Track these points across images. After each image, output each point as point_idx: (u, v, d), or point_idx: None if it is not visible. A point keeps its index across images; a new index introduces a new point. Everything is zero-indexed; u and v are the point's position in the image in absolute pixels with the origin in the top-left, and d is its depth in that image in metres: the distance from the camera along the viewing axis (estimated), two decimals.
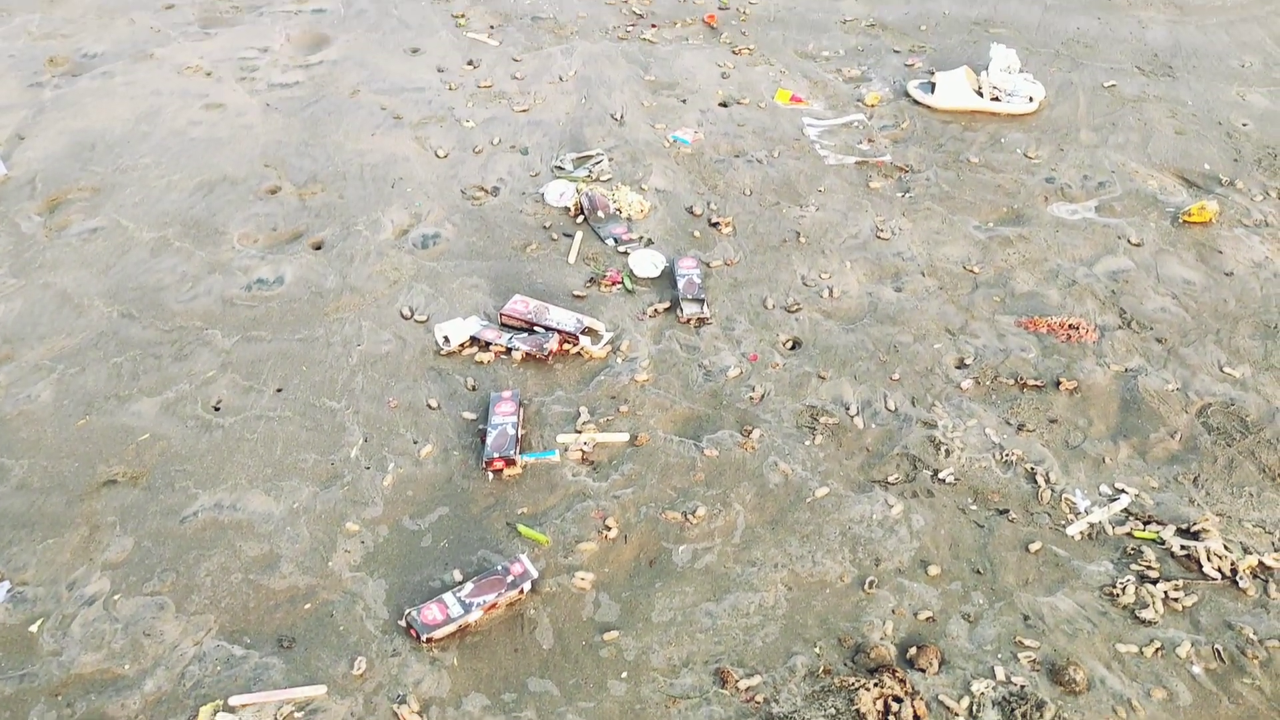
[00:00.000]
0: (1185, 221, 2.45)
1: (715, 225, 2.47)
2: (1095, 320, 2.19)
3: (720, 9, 3.36)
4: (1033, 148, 2.73)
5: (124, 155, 2.67)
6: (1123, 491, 1.81)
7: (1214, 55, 3.14)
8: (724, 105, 2.91)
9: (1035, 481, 1.84)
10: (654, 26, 3.26)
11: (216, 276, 2.32)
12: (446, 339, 2.12)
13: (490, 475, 1.84)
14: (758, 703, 1.50)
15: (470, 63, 3.08)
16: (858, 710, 1.48)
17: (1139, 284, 2.30)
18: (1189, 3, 3.44)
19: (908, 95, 2.92)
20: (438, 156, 2.70)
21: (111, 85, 2.92)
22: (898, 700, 1.49)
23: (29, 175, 2.57)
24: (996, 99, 2.85)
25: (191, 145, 2.72)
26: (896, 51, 3.15)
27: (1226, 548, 1.70)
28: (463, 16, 3.30)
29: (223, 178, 2.61)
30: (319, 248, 2.41)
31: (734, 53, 3.14)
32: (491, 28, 3.25)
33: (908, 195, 2.57)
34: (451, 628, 1.58)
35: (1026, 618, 1.61)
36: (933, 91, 2.88)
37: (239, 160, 2.68)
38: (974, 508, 1.79)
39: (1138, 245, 2.40)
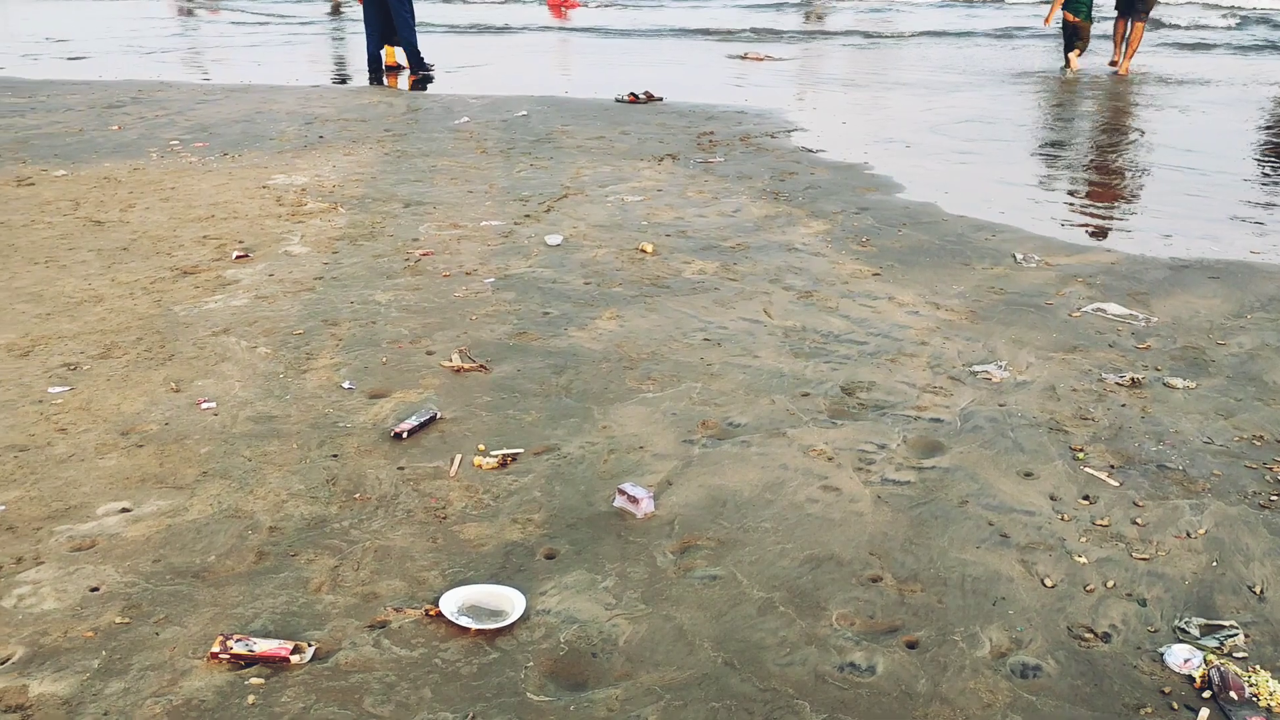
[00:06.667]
0: None
1: None
2: None
3: None
4: None
5: (748, 517, 2.94)
6: None
7: None
8: None
9: None
10: None
11: (812, 649, 2.40)
12: None
13: None
14: None
15: (1086, 498, 3.03)
16: None
17: None
18: None
19: None
20: (1044, 585, 2.63)
21: (747, 453, 3.29)
22: None
23: (670, 517, 2.93)
24: None
25: (806, 520, 2.93)
26: None
27: None
28: (1082, 451, 3.28)
29: (830, 556, 2.76)
30: (912, 647, 2.41)
31: None
32: (1112, 467, 3.19)
33: None
34: None
35: None
36: None
37: (846, 543, 2.82)
38: None
39: None
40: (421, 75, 11.23)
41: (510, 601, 2.50)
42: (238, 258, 5.07)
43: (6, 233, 5.44)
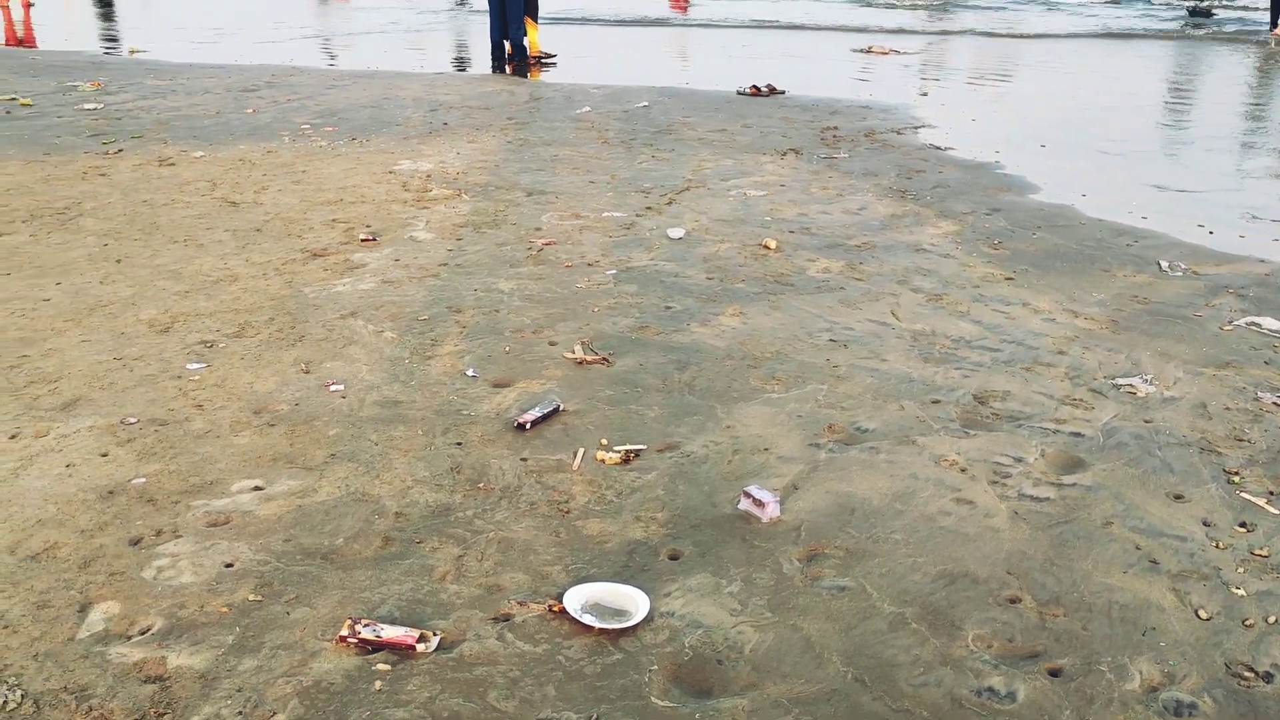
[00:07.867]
0: None
1: None
2: None
3: None
4: None
5: (877, 526, 2.84)
6: None
7: None
8: None
9: None
10: None
11: (947, 670, 2.29)
12: None
13: None
14: None
15: (1243, 525, 2.84)
16: None
17: None
18: None
19: None
20: (1199, 617, 2.47)
21: (875, 460, 3.18)
22: None
23: (796, 522, 2.85)
24: None
25: (938, 533, 2.82)
26: None
27: None
28: (1238, 474, 3.09)
29: (965, 573, 2.64)
30: (1055, 675, 2.28)
31: None
32: (1271, 494, 2.99)
33: None
34: None
35: None
36: None
37: (982, 560, 2.70)
38: None
39: None
40: (519, 63, 11.30)
41: (634, 602, 2.46)
42: (364, 241, 5.15)
43: (149, 211, 5.64)
